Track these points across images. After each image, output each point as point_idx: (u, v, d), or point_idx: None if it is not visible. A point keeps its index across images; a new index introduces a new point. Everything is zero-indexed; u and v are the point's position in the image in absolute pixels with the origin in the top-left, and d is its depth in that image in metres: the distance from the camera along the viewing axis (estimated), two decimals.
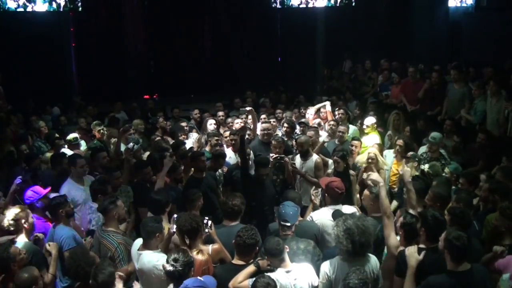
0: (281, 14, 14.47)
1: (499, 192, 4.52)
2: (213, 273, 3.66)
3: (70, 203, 4.66)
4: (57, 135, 7.47)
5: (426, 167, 5.58)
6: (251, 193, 5.19)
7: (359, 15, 13.36)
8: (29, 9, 12.14)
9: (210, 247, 3.94)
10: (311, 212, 4.67)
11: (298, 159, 6.13)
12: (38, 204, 4.73)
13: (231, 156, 6.45)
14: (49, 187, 4.92)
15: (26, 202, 4.76)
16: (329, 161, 6.12)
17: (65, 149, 6.72)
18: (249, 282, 3.42)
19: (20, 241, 4.08)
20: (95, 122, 7.66)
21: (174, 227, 3.88)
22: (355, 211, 4.55)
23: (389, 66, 10.44)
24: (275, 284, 3.30)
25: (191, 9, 14.14)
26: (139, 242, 3.93)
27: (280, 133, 7.10)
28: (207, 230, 3.94)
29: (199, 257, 3.67)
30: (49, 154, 6.67)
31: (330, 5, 14.12)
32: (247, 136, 6.72)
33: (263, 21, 14.32)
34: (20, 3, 12.07)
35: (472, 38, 12.18)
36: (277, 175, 6.01)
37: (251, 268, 3.57)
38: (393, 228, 3.83)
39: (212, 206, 5.31)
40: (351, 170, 5.89)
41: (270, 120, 7.50)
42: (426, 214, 3.68)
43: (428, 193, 4.56)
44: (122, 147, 6.40)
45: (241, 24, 14.36)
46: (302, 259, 3.76)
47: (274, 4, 14.18)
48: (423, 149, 6.41)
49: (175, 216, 3.96)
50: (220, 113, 8.43)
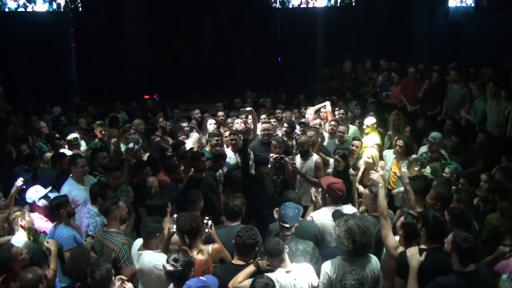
0: (281, 14, 14.47)
1: (499, 192, 4.52)
2: (213, 273, 3.66)
3: (71, 203, 4.67)
4: (57, 135, 7.47)
5: (428, 170, 5.56)
6: (251, 193, 5.19)
7: (359, 15, 13.36)
8: (29, 9, 12.13)
9: (210, 247, 3.94)
10: (311, 212, 4.68)
11: (298, 159, 6.13)
12: (39, 203, 4.74)
13: (231, 156, 6.45)
14: (49, 187, 4.93)
15: (27, 202, 4.77)
16: (330, 160, 6.12)
17: (65, 150, 6.71)
18: (249, 282, 3.41)
19: (20, 240, 4.08)
20: (98, 122, 7.66)
21: (174, 227, 3.89)
22: (356, 211, 4.55)
23: (388, 66, 10.44)
24: (274, 284, 3.30)
25: (191, 9, 14.15)
26: (139, 242, 3.93)
27: (280, 133, 7.10)
28: (207, 230, 3.94)
29: (199, 257, 3.67)
30: (49, 154, 6.67)
31: (330, 5, 14.12)
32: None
33: (263, 21, 14.32)
34: (20, 3, 12.07)
35: (472, 38, 12.19)
36: (277, 175, 6.01)
37: (251, 268, 3.57)
38: (391, 229, 3.84)
39: (212, 206, 5.32)
40: (351, 170, 5.89)
41: (270, 120, 7.50)
42: (427, 215, 3.68)
43: (430, 192, 4.56)
44: (122, 147, 6.41)
45: (241, 24, 14.36)
46: (301, 260, 3.76)
47: (274, 4, 14.17)
48: (423, 149, 6.41)
49: (175, 216, 3.97)
50: (220, 113, 8.43)
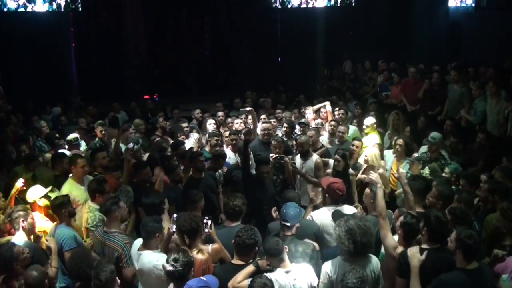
0: (281, 14, 14.48)
1: (499, 193, 4.51)
2: (212, 273, 3.65)
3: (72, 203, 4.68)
4: (57, 135, 7.47)
5: (426, 171, 5.57)
6: (252, 193, 5.19)
7: (359, 15, 13.38)
8: (29, 9, 12.15)
9: (210, 247, 3.94)
10: (311, 212, 4.68)
11: (298, 159, 6.13)
12: (40, 203, 4.74)
13: (231, 156, 6.45)
14: (50, 186, 4.93)
15: (28, 201, 4.77)
16: (330, 161, 6.12)
17: (65, 150, 6.71)
18: (248, 282, 3.40)
19: (20, 240, 4.08)
20: (99, 122, 7.67)
21: (174, 227, 3.89)
22: (356, 212, 4.55)
23: (387, 67, 10.44)
24: (272, 285, 3.29)
25: (191, 9, 14.15)
26: (139, 242, 3.93)
27: (280, 133, 7.10)
28: (207, 230, 3.94)
29: (199, 257, 3.67)
30: (49, 155, 6.66)
31: (330, 5, 14.14)
32: None
33: (263, 21, 14.31)
34: (20, 3, 12.09)
35: (472, 38, 12.18)
36: (277, 175, 6.01)
37: (251, 268, 3.57)
38: (389, 229, 3.84)
39: (212, 206, 5.31)
40: (351, 170, 5.88)
41: (270, 120, 7.50)
42: (429, 215, 3.67)
43: (432, 191, 4.56)
44: (122, 147, 6.40)
45: (241, 24, 14.34)
46: (300, 262, 3.75)
47: (274, 4, 14.20)
48: (423, 149, 6.41)
49: (175, 216, 3.97)
50: (220, 113, 8.43)
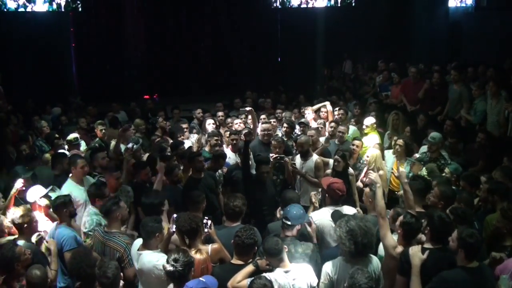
0: (281, 14, 14.50)
1: (499, 193, 4.51)
2: (212, 273, 3.66)
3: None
4: (57, 135, 7.47)
5: (424, 172, 5.57)
6: (252, 194, 5.19)
7: (359, 15, 13.38)
8: (29, 9, 12.16)
9: (210, 247, 3.94)
10: (311, 213, 4.67)
11: (298, 159, 6.12)
12: (41, 202, 4.74)
13: (231, 157, 6.45)
14: (50, 186, 4.93)
15: (28, 201, 4.77)
16: (330, 161, 6.12)
17: (64, 150, 6.71)
18: (248, 282, 3.40)
19: (20, 241, 4.06)
20: (99, 122, 7.67)
21: (174, 227, 3.89)
22: (356, 212, 4.55)
23: (387, 67, 10.44)
24: (272, 285, 3.29)
25: (191, 9, 14.16)
26: (139, 242, 3.93)
27: (280, 133, 7.10)
28: (207, 230, 3.94)
29: (198, 256, 3.66)
30: (48, 155, 6.66)
31: (330, 5, 14.14)
32: None
33: (263, 21, 14.33)
34: (20, 3, 12.10)
35: (472, 38, 12.19)
36: (277, 175, 6.01)
37: (250, 268, 3.57)
38: (389, 228, 3.84)
39: (212, 207, 5.31)
40: (351, 170, 5.88)
41: (270, 120, 7.50)
42: (433, 215, 3.67)
43: (434, 190, 4.57)
44: (122, 148, 6.39)
45: (241, 24, 14.35)
46: (300, 262, 3.74)
47: (274, 4, 14.20)
48: (423, 149, 6.41)
49: (175, 216, 3.96)
50: (220, 113, 8.43)
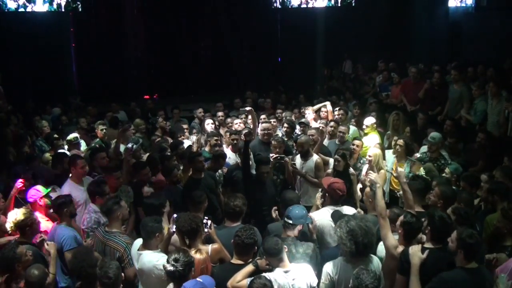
0: (281, 14, 14.50)
1: (499, 193, 4.51)
2: (212, 273, 3.66)
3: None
4: (56, 136, 7.46)
5: (422, 172, 5.56)
6: (252, 194, 5.19)
7: (359, 15, 13.38)
8: (29, 9, 12.15)
9: (210, 247, 3.94)
10: (311, 213, 4.67)
11: (298, 159, 6.11)
12: (41, 202, 4.74)
13: (231, 157, 6.44)
14: (50, 186, 4.93)
15: (29, 201, 4.77)
16: (330, 160, 6.12)
17: (64, 150, 6.70)
18: (247, 282, 3.41)
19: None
20: (99, 122, 7.67)
21: (174, 227, 3.89)
22: (356, 212, 4.55)
23: (387, 67, 10.44)
24: (272, 285, 3.29)
25: (191, 9, 14.16)
26: (139, 242, 3.93)
27: (280, 133, 7.10)
28: (207, 230, 3.94)
29: (197, 256, 3.66)
30: (48, 155, 6.66)
31: (330, 5, 14.14)
32: None
33: (263, 21, 14.33)
34: (20, 3, 12.09)
35: (472, 38, 12.19)
36: (277, 175, 6.00)
37: (250, 268, 3.57)
38: (390, 228, 3.84)
39: (212, 207, 5.30)
40: (352, 170, 5.88)
41: (270, 120, 7.50)
42: (434, 214, 3.67)
43: (435, 190, 4.57)
44: (122, 148, 6.39)
45: (241, 24, 14.35)
46: (301, 263, 3.74)
47: (274, 4, 14.20)
48: (423, 149, 6.41)
49: (175, 216, 3.96)
50: (220, 113, 8.43)
